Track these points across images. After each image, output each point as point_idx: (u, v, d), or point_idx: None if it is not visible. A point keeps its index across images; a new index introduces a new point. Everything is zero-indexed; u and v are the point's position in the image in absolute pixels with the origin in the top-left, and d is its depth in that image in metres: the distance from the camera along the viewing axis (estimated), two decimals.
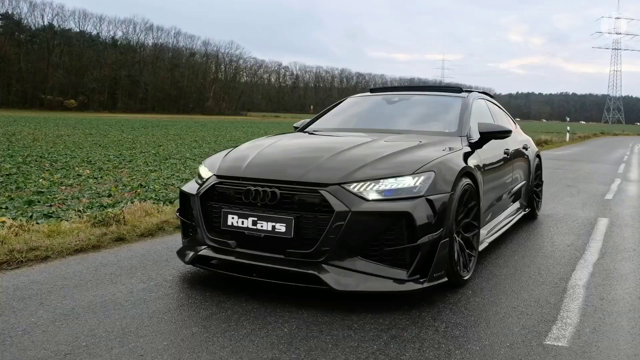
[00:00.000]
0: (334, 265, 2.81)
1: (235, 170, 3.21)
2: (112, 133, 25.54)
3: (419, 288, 2.86)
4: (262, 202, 2.96)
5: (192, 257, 3.20)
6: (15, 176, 8.96)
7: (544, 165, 12.12)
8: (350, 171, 2.97)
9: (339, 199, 2.82)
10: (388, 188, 2.91)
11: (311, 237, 2.85)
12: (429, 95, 4.73)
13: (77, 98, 75.86)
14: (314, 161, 3.11)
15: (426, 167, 3.04)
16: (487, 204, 3.94)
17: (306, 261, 2.84)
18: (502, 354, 2.39)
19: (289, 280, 2.88)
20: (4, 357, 2.18)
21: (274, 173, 3.07)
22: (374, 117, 4.58)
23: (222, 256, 3.07)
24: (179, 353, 2.30)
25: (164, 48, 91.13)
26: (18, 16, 77.14)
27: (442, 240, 2.94)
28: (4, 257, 3.52)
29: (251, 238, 2.99)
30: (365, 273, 2.81)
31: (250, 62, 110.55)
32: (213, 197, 3.17)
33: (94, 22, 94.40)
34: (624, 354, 2.41)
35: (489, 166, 3.96)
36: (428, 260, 2.89)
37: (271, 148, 3.52)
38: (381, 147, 3.38)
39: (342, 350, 2.39)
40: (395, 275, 2.83)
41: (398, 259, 2.85)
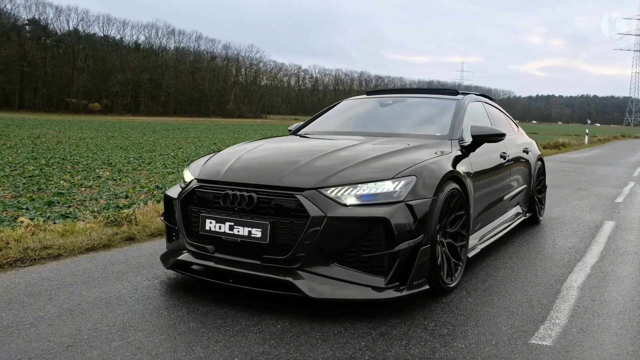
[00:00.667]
0: (310, 271, 2.75)
1: (215, 174, 3.18)
2: (133, 136, 26.07)
3: (397, 296, 2.78)
4: (239, 207, 2.91)
5: (172, 262, 3.19)
6: (38, 178, 9.28)
7: (558, 169, 12.21)
8: (327, 175, 2.91)
9: (315, 204, 2.76)
10: (366, 193, 2.85)
11: (287, 242, 2.79)
12: (424, 97, 4.68)
13: (101, 101, 77.44)
14: (292, 165, 3.05)
15: (407, 172, 2.98)
16: (480, 209, 3.87)
17: (281, 267, 2.79)
18: (487, 352, 2.45)
19: (264, 287, 2.83)
20: (10, 348, 2.33)
21: (251, 177, 3.03)
22: (366, 120, 4.55)
23: (202, 261, 3.03)
24: (174, 347, 2.42)
25: (185, 52, 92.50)
26: (44, 21, 79.21)
27: (423, 246, 2.88)
28: (18, 255, 3.71)
29: (228, 243, 2.95)
30: (342, 280, 2.75)
31: (270, 66, 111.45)
32: (193, 201, 3.13)
33: (117, 26, 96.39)
34: (606, 354, 2.45)
35: (482, 170, 3.88)
36: (407, 267, 2.82)
37: (252, 152, 3.48)
38: (365, 151, 3.33)
39: (331, 346, 2.48)
40: (373, 282, 2.76)
41: (376, 266, 2.78)
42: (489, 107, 4.88)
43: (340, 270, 2.77)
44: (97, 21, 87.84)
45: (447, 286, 3.15)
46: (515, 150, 4.85)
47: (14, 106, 69.97)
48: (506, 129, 4.94)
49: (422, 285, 2.92)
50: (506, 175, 4.50)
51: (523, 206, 5.17)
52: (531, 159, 5.35)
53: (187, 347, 2.42)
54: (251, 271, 2.84)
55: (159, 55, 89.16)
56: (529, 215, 5.27)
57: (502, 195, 4.42)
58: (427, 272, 2.95)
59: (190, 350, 2.39)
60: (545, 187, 5.89)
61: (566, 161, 14.88)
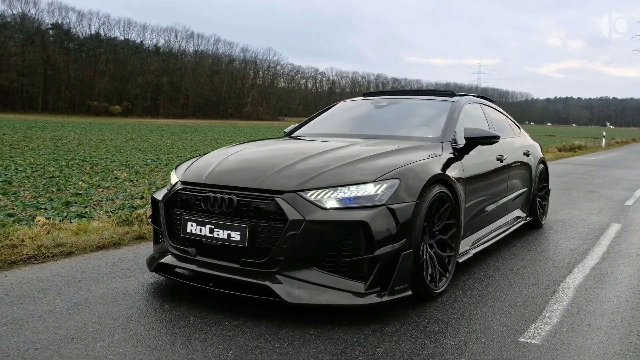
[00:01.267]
0: (288, 276, 2.71)
1: (198, 176, 3.16)
2: (152, 138, 26.51)
3: (377, 302, 2.73)
4: (219, 210, 2.89)
5: (155, 264, 3.19)
6: (57, 178, 9.55)
7: (571, 171, 12.09)
8: (308, 178, 2.87)
9: (293, 207, 2.72)
10: (347, 196, 2.80)
11: (265, 246, 2.75)
12: (419, 99, 4.63)
13: (122, 104, 78.82)
14: (274, 168, 3.01)
15: (390, 175, 2.93)
16: (474, 213, 3.81)
17: (260, 271, 2.75)
18: (475, 349, 2.51)
19: (243, 291, 2.80)
20: (19, 339, 2.47)
21: (232, 179, 3.00)
22: (359, 122, 4.52)
23: (184, 264, 3.01)
24: (173, 340, 2.54)
25: (204, 55, 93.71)
26: (67, 25, 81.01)
27: (406, 251, 2.82)
28: (32, 252, 3.88)
29: (209, 246, 2.93)
30: (321, 285, 2.70)
31: (287, 68, 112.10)
32: (176, 203, 3.12)
33: (137, 30, 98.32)
34: (593, 353, 2.49)
35: (476, 173, 3.83)
36: (389, 273, 2.78)
37: (236, 155, 3.44)
38: (350, 153, 3.29)
39: (323, 341, 2.56)
40: (353, 287, 2.71)
41: (356, 271, 2.73)
42: (488, 109, 4.83)
43: (319, 275, 2.72)
44: (118, 25, 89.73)
45: (432, 292, 3.09)
46: (514, 153, 4.77)
47: (38, 109, 71.66)
48: (505, 132, 4.92)
49: (405, 291, 2.86)
50: (503, 178, 4.42)
51: (524, 210, 5.08)
52: (532, 162, 5.25)
53: (186, 341, 2.53)
54: (230, 275, 2.81)
55: (178, 58, 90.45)
56: (530, 219, 5.18)
57: (498, 198, 4.34)
58: (410, 278, 2.89)
59: (188, 343, 2.50)
60: (548, 190, 5.79)
61: (580, 164, 14.71)
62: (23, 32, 74.49)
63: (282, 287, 2.70)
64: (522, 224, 4.98)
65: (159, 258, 3.17)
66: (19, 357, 2.29)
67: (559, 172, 12.01)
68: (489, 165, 4.13)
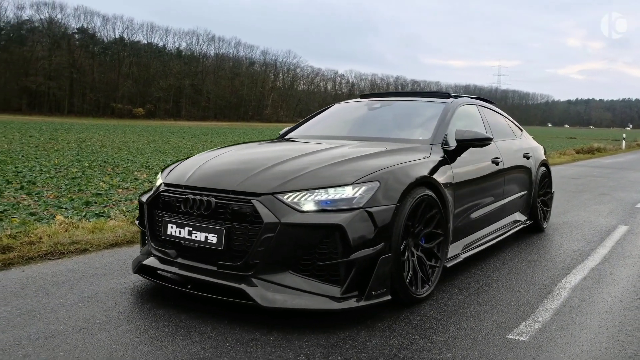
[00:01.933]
0: (264, 279, 2.70)
1: (180, 178, 3.16)
2: (173, 140, 26.99)
3: (354, 307, 2.69)
4: (197, 212, 2.88)
5: (137, 266, 3.21)
6: (80, 179, 9.88)
7: (586, 174, 11.96)
8: (286, 180, 2.85)
9: (269, 210, 2.69)
10: (325, 198, 2.76)
11: (241, 249, 2.73)
12: (413, 101, 4.59)
13: (145, 106, 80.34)
14: (254, 170, 2.99)
15: (370, 177, 2.88)
16: (465, 217, 3.74)
17: (236, 274, 2.74)
18: (463, 345, 2.59)
19: (219, 294, 2.78)
20: (30, 329, 2.64)
21: (211, 182, 2.99)
22: (352, 124, 4.51)
23: (166, 266, 3.02)
24: (174, 332, 2.67)
25: (225, 58, 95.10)
26: (92, 30, 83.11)
27: (384, 255, 2.78)
28: (48, 249, 4.08)
29: (187, 248, 2.92)
30: (296, 289, 2.68)
31: (307, 71, 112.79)
32: (158, 205, 3.12)
33: (160, 34, 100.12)
34: (578, 350, 2.55)
35: (468, 175, 3.76)
36: (366, 277, 2.73)
37: (219, 157, 3.43)
38: (333, 156, 3.25)
39: (317, 334, 2.66)
40: (328, 292, 2.67)
41: (332, 275, 2.70)
42: (485, 111, 4.76)
43: (294, 279, 2.69)
44: (141, 29, 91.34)
45: (414, 297, 3.04)
46: (512, 155, 4.69)
47: (64, 111, 73.54)
48: (504, 134, 4.86)
49: (383, 296, 2.81)
50: (499, 181, 4.33)
51: (524, 213, 5.00)
52: (532, 164, 5.15)
53: (186, 333, 2.66)
54: (207, 277, 2.82)
55: (200, 61, 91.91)
56: (530, 222, 5.07)
57: (493, 201, 4.25)
58: (389, 282, 2.84)
59: (187, 335, 2.63)
60: (551, 194, 5.67)
61: (597, 166, 14.53)
62: (50, 36, 76.60)
63: (257, 290, 2.67)
64: (522, 227, 4.89)
65: (142, 260, 3.20)
66: (30, 345, 2.45)
67: (574, 174, 11.89)
68: (483, 167, 4.06)
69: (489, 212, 4.19)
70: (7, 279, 3.43)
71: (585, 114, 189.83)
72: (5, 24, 75.75)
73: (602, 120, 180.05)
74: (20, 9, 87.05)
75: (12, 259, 3.82)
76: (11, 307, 2.91)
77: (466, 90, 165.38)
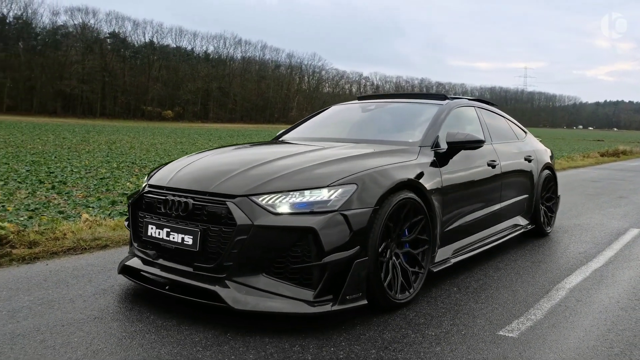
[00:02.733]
0: (237, 282, 2.70)
1: (162, 180, 3.18)
2: (199, 142, 27.53)
3: (327, 311, 2.67)
4: (176, 213, 2.90)
5: (120, 266, 3.28)
6: (108, 180, 10.26)
7: (607, 177, 11.80)
8: (261, 182, 2.84)
9: (243, 212, 2.69)
10: (300, 201, 2.74)
11: (215, 251, 2.75)
12: (407, 102, 4.56)
13: (174, 109, 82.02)
14: (232, 172, 2.99)
15: (347, 180, 2.85)
16: (456, 221, 3.68)
17: (210, 276, 2.75)
18: (453, 340, 2.69)
19: (194, 295, 2.80)
20: (49, 318, 2.86)
21: (190, 183, 3.01)
22: (345, 126, 4.49)
23: (148, 267, 3.06)
24: (180, 321, 2.84)
25: (251, 61, 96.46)
26: (123, 34, 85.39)
27: (359, 259, 2.75)
28: (72, 245, 4.34)
29: (166, 249, 2.96)
30: (269, 292, 2.67)
31: (332, 73, 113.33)
32: (142, 206, 3.17)
33: (188, 38, 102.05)
34: (566, 347, 2.62)
35: (458, 178, 3.71)
36: (340, 281, 2.71)
37: (203, 159, 3.44)
38: (313, 158, 3.22)
39: (315, 328, 2.78)
40: (301, 295, 2.66)
41: (305, 278, 2.68)
42: (484, 113, 4.70)
43: (267, 282, 2.69)
44: (170, 33, 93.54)
45: (394, 302, 3.00)
46: (512, 158, 4.62)
47: (96, 114, 75.64)
48: (503, 136, 4.81)
49: (358, 300, 2.78)
50: (496, 184, 4.25)
51: (525, 217, 4.89)
52: (534, 167, 5.04)
53: (191, 322, 2.83)
54: (184, 279, 2.84)
55: (227, 64, 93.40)
56: (532, 227, 4.97)
57: (489, 205, 4.19)
58: (364, 287, 2.81)
59: (192, 324, 2.80)
60: (556, 198, 5.53)
61: (620, 169, 14.28)
62: (83, 41, 78.98)
63: (229, 292, 2.68)
64: (522, 232, 4.79)
65: (125, 260, 3.28)
66: (47, 331, 2.67)
67: (595, 177, 11.73)
68: (477, 170, 3.99)
69: (484, 216, 4.11)
70: (31, 272, 3.68)
71: (614, 116, 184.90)
72: (41, 30, 78.52)
73: (631, 122, 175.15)
74: (55, 14, 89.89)
75: (37, 254, 4.09)
76: (33, 297, 3.15)
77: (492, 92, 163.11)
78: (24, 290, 3.27)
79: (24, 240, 4.32)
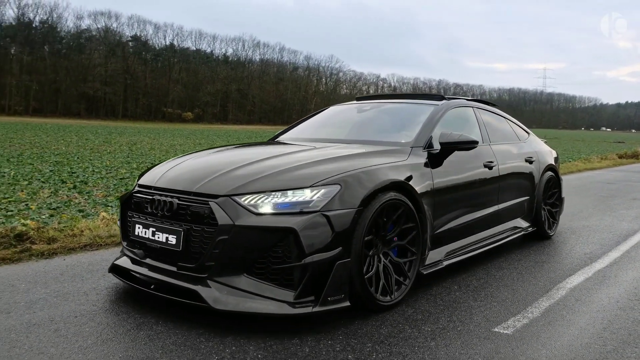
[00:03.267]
0: (218, 282, 2.71)
1: (151, 180, 3.22)
2: (218, 143, 27.86)
3: (308, 312, 2.66)
4: (161, 213, 2.93)
5: (110, 265, 3.34)
6: (128, 180, 10.53)
7: (623, 179, 11.71)
8: (244, 182, 2.85)
9: (225, 212, 2.70)
10: (282, 201, 2.74)
11: (198, 250, 2.76)
12: (403, 103, 4.54)
13: (194, 111, 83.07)
14: (217, 172, 3.01)
15: (330, 180, 2.84)
16: (449, 223, 3.64)
17: (193, 276, 2.77)
18: (448, 335, 2.76)
19: (177, 295, 2.82)
20: (63, 309, 3.02)
21: (176, 183, 3.03)
22: (339, 127, 4.48)
23: (136, 267, 3.10)
24: (186, 315, 2.97)
25: (269, 63, 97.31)
26: (144, 37, 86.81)
27: (341, 260, 2.74)
28: (88, 241, 4.52)
29: (152, 249, 2.99)
30: (250, 292, 2.68)
31: (349, 75, 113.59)
32: (131, 205, 3.21)
33: (208, 40, 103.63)
34: (559, 344, 2.67)
35: (452, 179, 3.68)
36: (322, 282, 2.70)
37: (192, 160, 3.46)
38: (300, 158, 3.22)
39: (313, 323, 2.88)
40: (282, 296, 2.67)
41: (286, 279, 2.68)
42: (483, 113, 4.64)
43: (249, 282, 2.69)
44: (190, 36, 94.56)
45: (381, 304, 2.99)
46: (511, 159, 4.56)
47: (119, 116, 77.08)
48: (503, 137, 4.76)
49: (341, 302, 2.77)
50: (493, 185, 4.20)
51: (525, 220, 4.81)
52: (535, 169, 4.96)
53: (196, 315, 2.95)
54: (168, 278, 2.87)
55: (246, 66, 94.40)
56: (533, 229, 4.88)
57: (485, 207, 4.13)
58: (347, 288, 2.80)
59: (196, 317, 2.92)
60: (560, 200, 5.41)
61: (637, 171, 14.12)
62: (106, 44, 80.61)
63: (210, 292, 2.69)
64: (523, 234, 4.74)
65: (115, 259, 3.37)
66: (62, 322, 2.82)
67: (610, 179, 11.60)
68: (472, 171, 3.95)
69: (480, 218, 4.05)
70: (49, 266, 3.86)
71: (636, 118, 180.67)
72: (66, 33, 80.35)
73: None
74: (79, 18, 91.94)
75: (55, 249, 4.28)
76: (50, 290, 3.32)
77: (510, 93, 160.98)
78: (41, 283, 3.44)
79: (43, 236, 4.52)
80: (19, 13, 74.70)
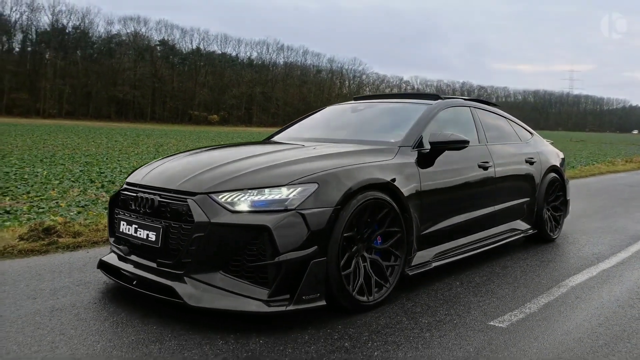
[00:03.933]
0: (194, 278, 2.73)
1: (137, 178, 3.28)
2: None
3: (282, 311, 2.68)
4: (143, 210, 2.99)
5: (98, 262, 3.40)
6: None
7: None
8: (222, 180, 2.88)
9: (202, 209, 2.74)
10: (258, 199, 2.77)
11: (176, 247, 2.80)
12: (398, 103, 4.54)
13: (219, 113, 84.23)
14: (199, 170, 3.06)
15: (307, 179, 2.86)
16: (435, 223, 3.59)
17: (171, 272, 2.81)
18: (444, 328, 2.87)
19: (155, 291, 2.86)
20: (85, 295, 3.25)
21: (158, 181, 3.09)
22: (333, 127, 4.48)
23: (122, 263, 3.16)
24: None
25: (293, 66, 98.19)
26: (172, 42, 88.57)
27: (317, 259, 2.74)
28: (99, 239, 4.76)
29: (135, 245, 3.05)
30: (224, 289, 2.70)
31: (372, 78, 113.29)
32: (118, 203, 3.28)
33: (233, 44, 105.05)
34: (552, 339, 2.75)
35: (442, 180, 3.63)
36: (297, 281, 2.72)
37: (178, 159, 3.51)
38: (281, 157, 3.25)
39: (316, 314, 3.01)
40: (256, 294, 2.68)
41: (261, 277, 2.70)
42: (481, 113, 4.58)
43: (224, 279, 2.72)
44: (216, 40, 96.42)
45: (361, 304, 2.99)
46: (509, 160, 4.49)
47: (147, 118, 78.75)
48: (502, 137, 4.71)
49: (316, 301, 2.78)
50: (489, 186, 4.14)
51: (525, 222, 4.72)
52: (537, 170, 4.84)
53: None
54: (148, 274, 2.93)
55: (270, 69, 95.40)
56: (534, 232, 4.78)
57: (479, 207, 4.07)
58: (323, 287, 2.81)
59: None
60: (565, 202, 5.30)
61: None
62: (135, 48, 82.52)
63: (186, 288, 2.72)
64: (523, 236, 4.69)
65: (103, 256, 3.45)
66: (82, 307, 3.04)
67: (633, 182, 11.44)
68: (465, 171, 3.91)
69: (474, 219, 4.00)
70: (73, 258, 4.11)
71: None
72: (97, 38, 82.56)
73: None
74: (109, 24, 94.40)
75: (80, 242, 4.54)
76: (73, 279, 3.56)
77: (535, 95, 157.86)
78: (65, 273, 3.68)
79: (69, 230, 4.79)
80: (54, 19, 77.23)
